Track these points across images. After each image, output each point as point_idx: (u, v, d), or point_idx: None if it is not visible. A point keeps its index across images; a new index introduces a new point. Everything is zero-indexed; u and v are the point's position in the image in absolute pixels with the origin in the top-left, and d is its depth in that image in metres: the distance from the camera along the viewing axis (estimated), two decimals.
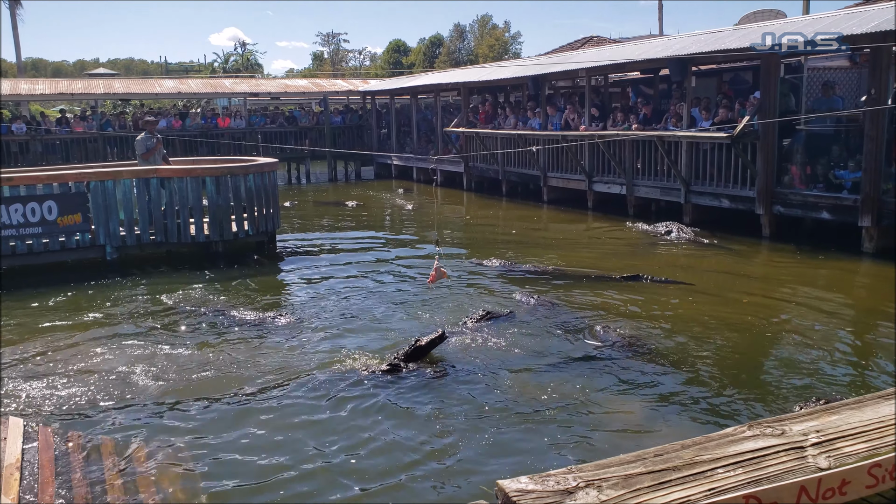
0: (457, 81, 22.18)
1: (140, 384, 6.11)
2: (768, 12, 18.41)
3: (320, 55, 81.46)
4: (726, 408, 5.38)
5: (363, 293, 9.27)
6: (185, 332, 7.61)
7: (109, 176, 10.92)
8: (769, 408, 5.23)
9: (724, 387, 5.79)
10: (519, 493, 1.33)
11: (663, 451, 1.58)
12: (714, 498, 1.37)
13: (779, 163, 11.87)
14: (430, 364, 6.34)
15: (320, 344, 7.08)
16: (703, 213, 13.36)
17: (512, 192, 19.12)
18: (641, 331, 7.27)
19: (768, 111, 11.65)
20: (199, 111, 28.15)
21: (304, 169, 27.12)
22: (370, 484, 4.44)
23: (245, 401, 5.73)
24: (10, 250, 10.16)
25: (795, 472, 1.50)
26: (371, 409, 5.50)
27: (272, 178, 12.18)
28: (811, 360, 6.43)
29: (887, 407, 1.86)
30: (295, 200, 20.27)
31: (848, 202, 10.72)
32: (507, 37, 68.58)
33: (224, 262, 11.10)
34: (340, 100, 30.98)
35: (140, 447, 4.93)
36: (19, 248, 10.20)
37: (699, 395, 5.62)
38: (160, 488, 4.41)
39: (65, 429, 5.23)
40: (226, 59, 71.63)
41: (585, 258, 11.25)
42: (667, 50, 13.91)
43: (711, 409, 5.37)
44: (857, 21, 10.39)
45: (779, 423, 1.71)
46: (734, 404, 5.44)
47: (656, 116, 15.17)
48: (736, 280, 9.64)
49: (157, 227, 11.11)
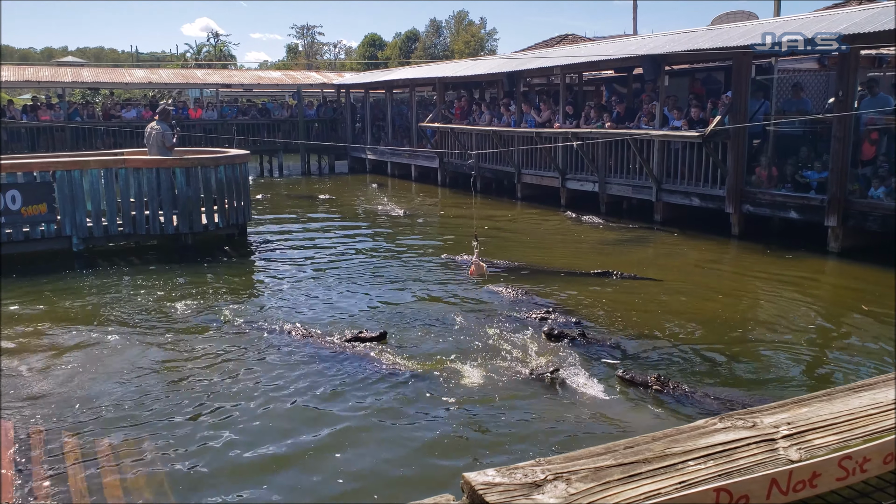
0: (432, 76, 22.11)
1: (104, 380, 5.98)
2: (740, 13, 18.61)
3: (295, 48, 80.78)
4: (699, 399, 5.40)
5: (332, 285, 9.21)
6: (151, 326, 7.47)
7: (76, 165, 10.69)
8: (741, 399, 5.27)
9: (697, 380, 5.82)
10: (485, 486, 1.29)
11: (634, 444, 1.55)
12: (684, 491, 1.34)
13: (749, 162, 12.01)
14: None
15: (285, 337, 7.00)
16: (674, 210, 13.47)
17: (486, 188, 19.11)
18: (611, 324, 7.30)
19: (739, 111, 11.77)
20: (170, 102, 27.72)
21: (276, 162, 26.83)
22: (335, 479, 4.38)
23: (211, 394, 5.64)
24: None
25: (766, 465, 1.48)
26: (331, 398, 5.45)
27: (243, 170, 12.02)
28: (780, 355, 6.50)
29: (857, 399, 1.86)
30: (267, 193, 20.05)
31: (815, 202, 10.87)
32: (482, 33, 68.64)
33: (193, 255, 10.93)
34: (315, 93, 30.70)
35: (105, 443, 4.82)
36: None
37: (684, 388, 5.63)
38: (125, 485, 4.31)
39: (26, 424, 5.10)
40: (198, 50, 70.61)
41: (559, 254, 11.29)
42: (641, 49, 13.99)
43: (683, 402, 5.39)
44: (827, 24, 10.53)
45: (750, 415, 1.70)
46: (706, 395, 5.47)
47: (629, 115, 15.26)
48: (706, 276, 9.74)
49: (125, 218, 10.90)
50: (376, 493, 4.24)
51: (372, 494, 4.24)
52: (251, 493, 4.25)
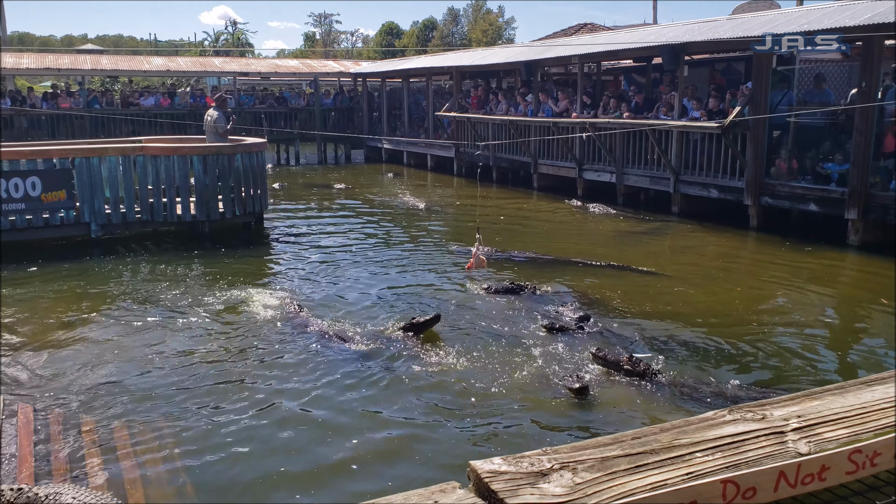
0: (449, 65, 22.03)
1: (122, 366, 6.06)
2: (762, 3, 18.36)
3: (312, 36, 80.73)
4: (709, 392, 5.38)
5: (350, 274, 9.25)
6: (169, 313, 7.54)
7: (95, 153, 10.79)
8: (752, 392, 5.23)
9: (707, 371, 5.79)
10: (491, 475, 1.29)
11: (641, 435, 1.55)
12: (691, 482, 1.34)
13: (768, 154, 11.88)
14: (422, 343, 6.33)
15: (306, 325, 7.04)
16: (692, 202, 13.36)
17: (502, 178, 19.05)
18: (623, 316, 7.27)
19: (760, 102, 11.63)
20: (188, 90, 27.83)
21: (293, 151, 26.90)
22: (342, 462, 4.42)
23: (229, 378, 5.69)
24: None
25: (775, 458, 1.47)
26: (345, 387, 5.49)
27: (260, 158, 12.07)
28: (795, 348, 6.45)
29: (869, 393, 1.84)
30: (284, 182, 20.12)
31: (835, 195, 10.74)
32: (500, 22, 68.15)
33: (210, 242, 11.01)
34: (331, 82, 30.68)
35: (121, 426, 4.89)
36: (2, 224, 10.07)
37: (682, 379, 5.61)
38: (142, 469, 4.37)
39: (46, 407, 5.18)
40: (216, 38, 70.87)
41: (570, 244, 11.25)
42: (660, 38, 13.85)
43: (693, 394, 5.36)
44: (851, 13, 10.37)
45: (760, 407, 1.68)
46: (717, 388, 5.44)
47: (648, 105, 15.13)
48: (720, 269, 9.67)
49: (142, 205, 11.00)
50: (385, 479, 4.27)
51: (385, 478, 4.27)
52: (267, 479, 4.29)
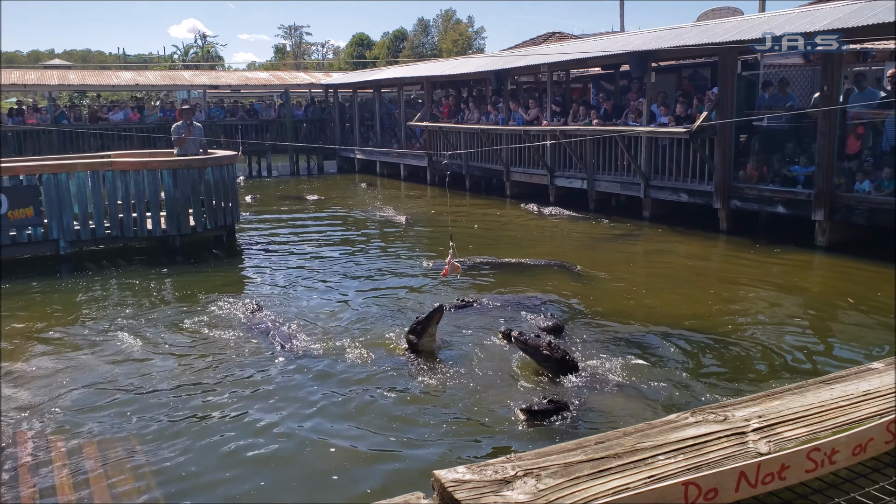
0: (420, 75, 22.08)
1: (90, 382, 5.96)
2: (726, 10, 18.70)
3: (282, 48, 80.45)
4: (673, 394, 5.42)
5: (322, 286, 9.21)
6: (138, 328, 7.44)
7: (63, 169, 10.64)
8: (715, 394, 5.28)
9: (673, 374, 5.84)
10: (455, 484, 1.29)
11: (605, 439, 1.56)
12: (654, 485, 1.35)
13: (736, 158, 12.06)
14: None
15: (273, 338, 6.99)
16: (663, 207, 13.52)
17: (475, 186, 19.11)
18: (589, 319, 7.32)
19: (726, 107, 11.82)
20: (157, 104, 27.59)
21: (265, 163, 26.75)
22: (306, 477, 4.39)
23: (192, 394, 5.63)
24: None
25: (736, 458, 1.49)
26: (309, 402, 5.46)
27: (231, 171, 11.99)
28: (763, 347, 6.54)
29: (828, 392, 1.88)
30: (256, 194, 19.99)
31: (802, 196, 10.93)
32: (470, 32, 68.60)
33: (182, 257, 10.90)
34: (303, 93, 30.59)
35: (91, 443, 4.81)
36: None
37: (647, 383, 5.64)
38: (111, 483, 4.30)
39: (12, 427, 5.07)
40: (185, 51, 70.20)
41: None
42: (627, 46, 14.03)
43: (658, 396, 5.40)
44: (811, 19, 10.59)
45: (722, 409, 1.71)
46: (682, 391, 5.49)
47: (616, 112, 15.30)
48: (690, 271, 9.78)
49: (112, 221, 10.87)
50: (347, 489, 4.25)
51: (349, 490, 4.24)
52: (233, 488, 4.25)
